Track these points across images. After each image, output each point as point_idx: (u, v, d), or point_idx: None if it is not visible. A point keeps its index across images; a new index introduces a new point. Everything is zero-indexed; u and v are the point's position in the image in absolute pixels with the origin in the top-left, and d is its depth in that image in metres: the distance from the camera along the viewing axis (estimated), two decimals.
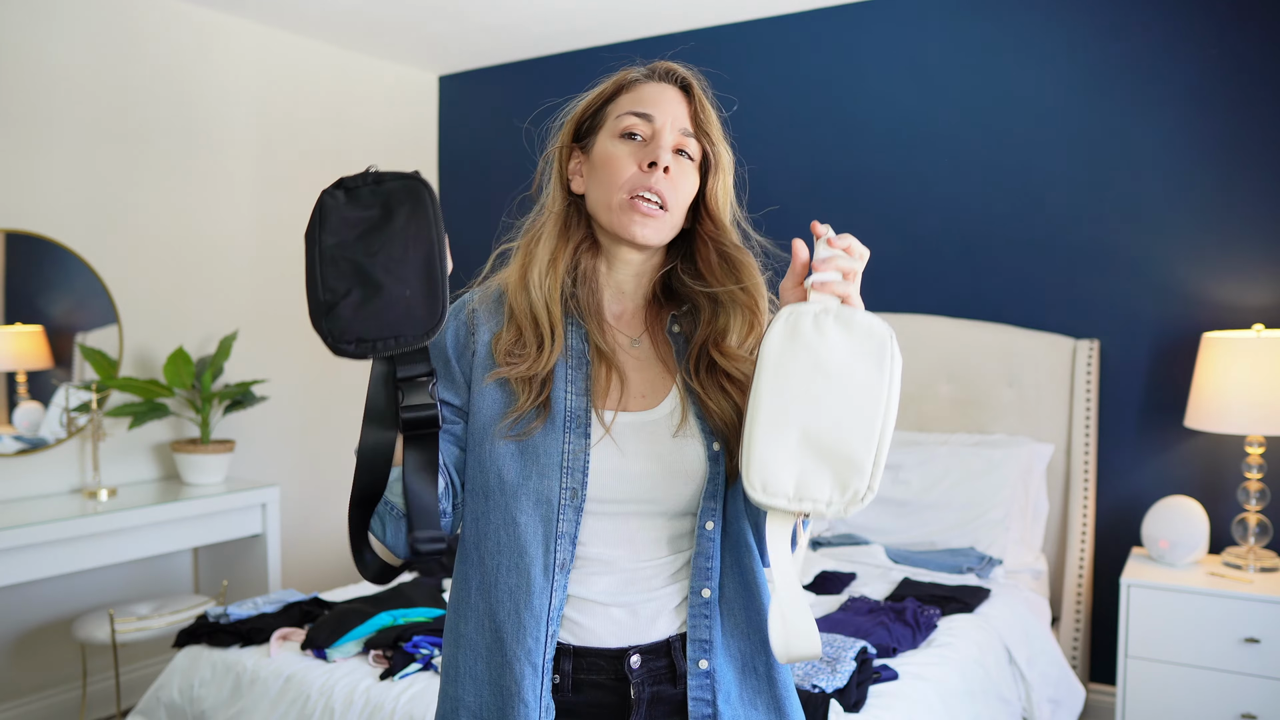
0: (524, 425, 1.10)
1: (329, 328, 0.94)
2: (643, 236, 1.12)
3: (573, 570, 1.11)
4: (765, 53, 3.69)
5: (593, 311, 1.16)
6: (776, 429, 0.94)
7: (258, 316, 3.76)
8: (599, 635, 1.12)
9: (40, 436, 3.14)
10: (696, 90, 1.17)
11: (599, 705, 1.12)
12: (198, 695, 2.33)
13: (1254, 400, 2.64)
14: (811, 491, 0.95)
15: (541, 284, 1.13)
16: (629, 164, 1.12)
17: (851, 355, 0.94)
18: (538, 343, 1.11)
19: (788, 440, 0.94)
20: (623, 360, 1.16)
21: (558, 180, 1.20)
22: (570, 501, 1.09)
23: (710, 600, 1.13)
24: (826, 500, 0.95)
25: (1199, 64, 2.94)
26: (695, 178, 1.16)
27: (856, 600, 2.55)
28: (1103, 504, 3.12)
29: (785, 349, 0.94)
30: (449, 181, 4.51)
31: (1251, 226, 2.89)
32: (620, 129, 1.14)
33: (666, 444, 1.12)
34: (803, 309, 0.95)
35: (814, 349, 0.94)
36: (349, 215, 0.95)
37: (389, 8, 3.55)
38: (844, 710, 1.93)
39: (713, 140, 1.16)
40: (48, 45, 3.11)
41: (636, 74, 1.18)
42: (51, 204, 3.13)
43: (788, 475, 0.95)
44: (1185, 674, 2.64)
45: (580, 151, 1.19)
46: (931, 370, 3.29)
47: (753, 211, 1.26)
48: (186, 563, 3.60)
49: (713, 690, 1.12)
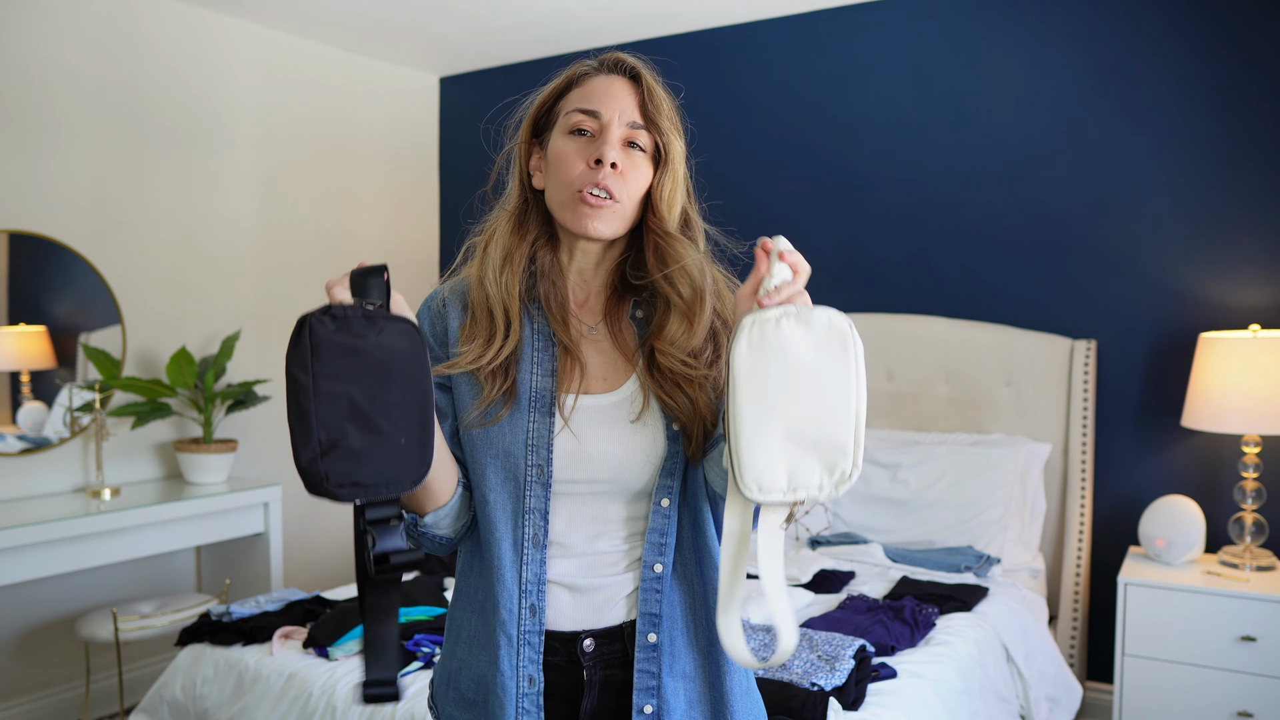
0: (493, 413, 1.13)
1: (326, 469, 0.91)
2: (594, 230, 1.13)
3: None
4: (765, 54, 3.71)
5: (556, 304, 1.18)
6: (760, 432, 0.98)
7: (260, 316, 3.77)
8: (552, 619, 1.15)
9: (44, 436, 3.16)
10: (646, 79, 1.16)
11: (553, 685, 1.15)
12: (200, 693, 2.34)
13: (1250, 400, 2.65)
14: (803, 480, 0.98)
15: (498, 281, 1.15)
16: (577, 161, 1.13)
17: (816, 350, 0.98)
18: (490, 335, 1.14)
19: (772, 440, 0.98)
20: (585, 346, 1.19)
21: (518, 177, 1.21)
22: (538, 478, 1.13)
23: (662, 575, 1.16)
24: (818, 485, 0.99)
25: (1196, 65, 2.96)
26: (647, 169, 1.15)
27: (855, 599, 2.56)
28: (1100, 503, 3.13)
29: (754, 356, 0.97)
30: (450, 182, 4.52)
31: (1248, 227, 2.90)
32: (569, 126, 1.15)
33: (626, 426, 1.14)
34: (764, 315, 0.98)
35: (781, 351, 0.97)
36: (343, 344, 0.92)
37: (391, 10, 3.56)
38: (843, 708, 1.95)
39: (661, 130, 1.15)
40: (52, 47, 3.12)
41: (587, 67, 1.18)
42: (55, 205, 3.15)
43: (779, 471, 0.98)
44: (1182, 672, 2.65)
45: (539, 148, 1.20)
46: (930, 370, 3.31)
47: (751, 211, 1.27)
48: (189, 561, 3.61)
49: (658, 662, 1.15)
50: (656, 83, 1.17)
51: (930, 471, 3.11)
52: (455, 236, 4.49)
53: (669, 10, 3.60)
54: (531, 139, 1.21)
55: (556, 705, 1.15)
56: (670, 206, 1.16)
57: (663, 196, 1.16)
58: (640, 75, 1.16)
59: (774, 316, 0.98)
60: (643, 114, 1.15)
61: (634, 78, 1.16)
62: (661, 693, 1.14)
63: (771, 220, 3.60)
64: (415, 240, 4.45)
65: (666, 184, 1.16)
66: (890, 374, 3.39)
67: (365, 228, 4.20)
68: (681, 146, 1.17)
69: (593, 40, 3.94)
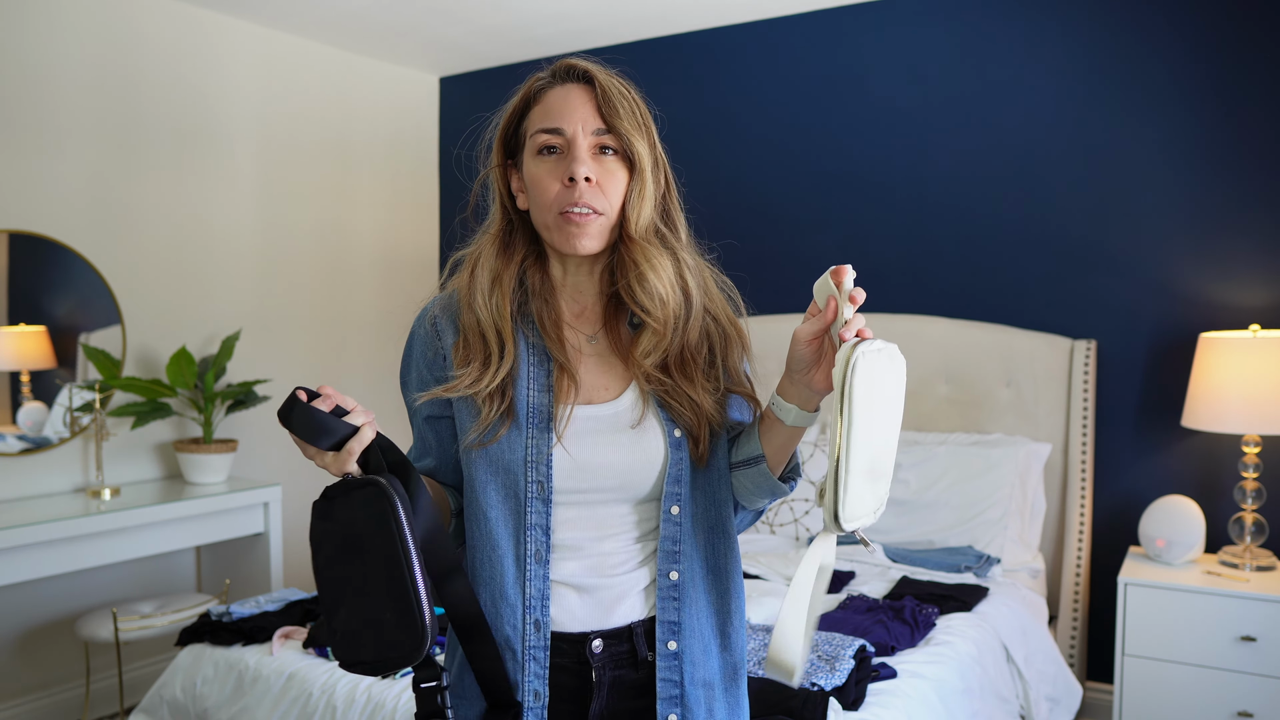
0: (491, 434, 1.13)
1: (338, 654, 1.00)
2: (584, 248, 1.12)
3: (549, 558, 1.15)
4: (765, 54, 3.71)
5: (550, 321, 1.16)
6: (863, 465, 0.99)
7: (260, 317, 3.77)
8: (559, 620, 1.15)
9: (44, 436, 3.16)
10: (600, 82, 1.12)
11: (562, 687, 1.15)
12: (200, 693, 2.34)
13: (1250, 400, 2.65)
14: (865, 509, 1.01)
15: (488, 304, 1.14)
16: (552, 182, 1.11)
17: (895, 385, 1.01)
18: (485, 358, 1.13)
19: (866, 472, 1.00)
20: (585, 356, 1.18)
21: (499, 201, 1.19)
22: (538, 495, 1.12)
23: (679, 583, 1.15)
24: (873, 510, 1.02)
25: (1196, 65, 2.96)
26: (623, 172, 1.12)
27: (855, 599, 2.56)
28: (1100, 503, 3.13)
29: (866, 390, 0.98)
30: (449, 182, 4.52)
31: (1248, 227, 2.90)
32: (536, 146, 1.12)
33: (627, 434, 1.14)
34: (871, 350, 0.98)
35: (880, 384, 0.99)
36: (324, 529, 1.01)
37: (390, 10, 3.56)
38: (843, 708, 1.95)
39: (621, 133, 1.11)
40: (52, 47, 3.12)
41: (542, 80, 1.16)
42: (55, 205, 3.15)
43: (864, 505, 1.01)
44: (1182, 672, 2.66)
45: (515, 169, 1.18)
46: (930, 370, 3.31)
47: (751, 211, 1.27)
48: (189, 562, 3.61)
49: (680, 671, 1.14)
50: (612, 84, 1.13)
51: (930, 471, 3.12)
52: (455, 237, 4.49)
53: (669, 10, 3.60)
54: (506, 160, 1.19)
55: (564, 707, 1.15)
56: (636, 209, 1.12)
57: (630, 200, 1.12)
58: (594, 78, 1.13)
59: (876, 349, 0.99)
60: (601, 118, 1.11)
61: (589, 82, 1.13)
62: (685, 700, 1.14)
63: (771, 220, 3.60)
64: (415, 240, 4.46)
65: (635, 187, 1.12)
66: None
67: (365, 228, 4.20)
68: (646, 146, 1.12)
69: (593, 40, 3.95)
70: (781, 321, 3.48)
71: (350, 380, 4.13)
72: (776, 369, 1.21)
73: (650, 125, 1.15)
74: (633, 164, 1.12)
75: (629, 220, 1.12)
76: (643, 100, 1.15)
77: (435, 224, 4.56)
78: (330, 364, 4.05)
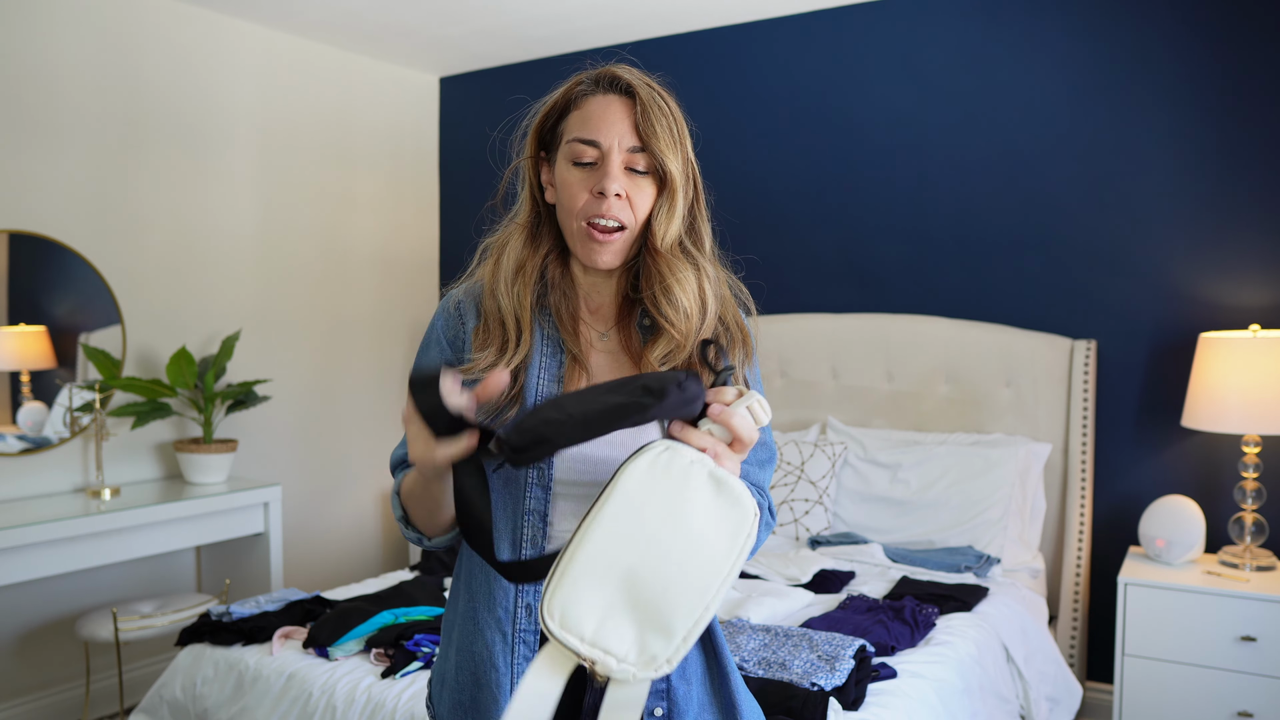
0: (499, 416, 1.14)
1: None
2: (603, 263, 1.14)
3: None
4: (764, 54, 3.71)
5: (567, 314, 1.19)
6: (603, 562, 0.86)
7: (260, 317, 3.77)
8: None
9: (44, 436, 3.16)
10: (641, 98, 1.12)
11: None
12: (200, 693, 2.34)
13: (1250, 400, 2.65)
14: (609, 642, 0.86)
15: (510, 292, 1.16)
16: (581, 191, 1.12)
17: (710, 519, 0.88)
18: (502, 343, 1.15)
19: (609, 578, 0.86)
20: (596, 352, 1.20)
21: (528, 191, 1.21)
22: (538, 481, 1.13)
23: None
24: (620, 656, 0.86)
25: (1196, 65, 2.96)
26: (652, 188, 1.14)
27: (855, 599, 2.56)
28: (1100, 503, 3.13)
29: (646, 483, 0.88)
30: (449, 182, 4.52)
31: (1248, 227, 2.90)
32: (571, 155, 1.13)
33: (629, 431, 1.14)
34: (681, 450, 0.89)
35: (676, 496, 0.88)
36: None
37: (391, 10, 3.56)
38: (843, 708, 1.95)
39: (656, 153, 1.11)
40: (52, 47, 3.12)
41: (585, 85, 1.16)
42: (55, 205, 3.15)
43: (592, 615, 0.86)
44: (1182, 672, 2.66)
45: (547, 163, 1.20)
46: (930, 370, 3.31)
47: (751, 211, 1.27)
48: (189, 561, 3.61)
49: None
50: (653, 99, 1.13)
51: (930, 471, 3.12)
52: (455, 236, 4.49)
53: (669, 10, 3.60)
54: (539, 152, 1.20)
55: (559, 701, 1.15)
56: (663, 225, 1.14)
57: (658, 216, 1.14)
58: (635, 92, 1.13)
59: (691, 458, 0.89)
60: (638, 136, 1.12)
61: (630, 95, 1.13)
62: (672, 695, 1.14)
63: (771, 220, 3.60)
64: (415, 240, 4.46)
65: (663, 205, 1.14)
66: (890, 374, 3.39)
67: (365, 228, 4.20)
68: (679, 163, 1.13)
69: (593, 40, 3.94)
70: (780, 322, 3.49)
71: (351, 380, 4.13)
72: (774, 369, 1.21)
73: (686, 140, 1.16)
74: (664, 180, 1.13)
75: (655, 234, 1.14)
76: (681, 114, 1.16)
77: (435, 224, 4.56)
78: (330, 364, 4.05)
